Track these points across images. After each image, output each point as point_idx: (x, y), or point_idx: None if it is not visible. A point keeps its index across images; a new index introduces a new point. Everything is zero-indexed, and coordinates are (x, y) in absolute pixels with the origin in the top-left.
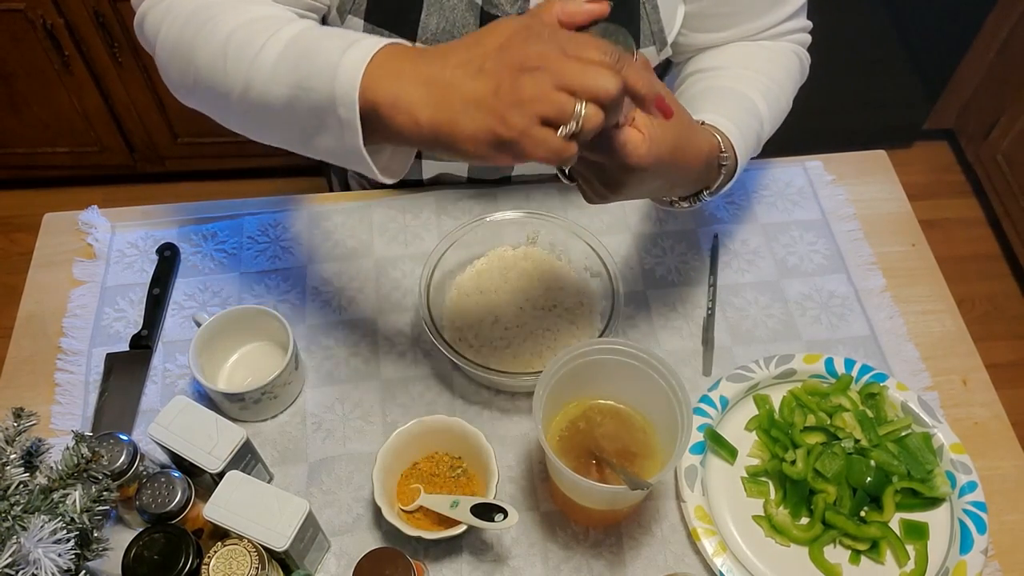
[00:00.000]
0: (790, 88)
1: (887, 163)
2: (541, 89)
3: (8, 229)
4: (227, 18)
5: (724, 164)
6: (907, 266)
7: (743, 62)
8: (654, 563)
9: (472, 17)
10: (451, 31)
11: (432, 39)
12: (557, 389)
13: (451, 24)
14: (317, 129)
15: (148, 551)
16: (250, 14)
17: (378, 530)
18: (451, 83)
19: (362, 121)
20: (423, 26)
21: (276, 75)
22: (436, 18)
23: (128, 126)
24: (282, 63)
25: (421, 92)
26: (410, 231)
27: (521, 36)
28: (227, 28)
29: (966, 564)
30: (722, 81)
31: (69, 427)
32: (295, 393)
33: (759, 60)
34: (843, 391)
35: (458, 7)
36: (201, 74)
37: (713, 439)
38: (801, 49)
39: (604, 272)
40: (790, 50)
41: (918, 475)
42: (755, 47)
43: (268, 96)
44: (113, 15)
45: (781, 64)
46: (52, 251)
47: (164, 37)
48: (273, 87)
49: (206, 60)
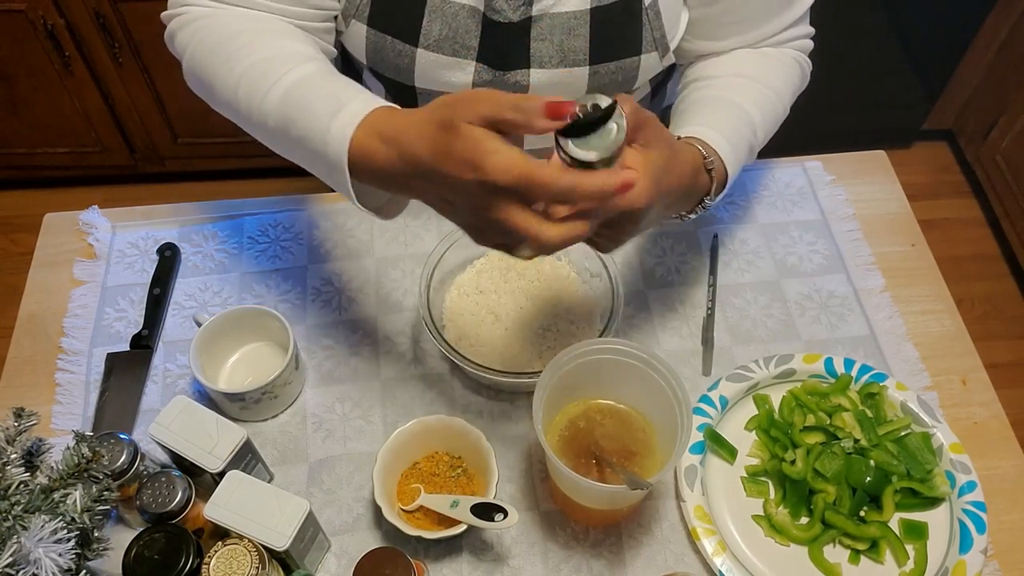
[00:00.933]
0: (788, 95)
1: (887, 163)
2: (509, 240)
3: (9, 229)
4: (242, 56)
5: (711, 169)
6: (906, 266)
7: (741, 70)
8: (654, 563)
9: (474, 24)
10: (454, 37)
11: (434, 45)
12: (557, 389)
13: (453, 31)
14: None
15: (148, 551)
16: (263, 52)
17: (378, 530)
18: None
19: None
20: (425, 33)
21: (278, 124)
22: (438, 24)
23: (128, 126)
24: (281, 113)
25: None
26: (410, 231)
27: (483, 201)
28: (239, 69)
29: (965, 564)
30: (715, 91)
31: (70, 427)
32: (295, 393)
33: (758, 67)
34: (843, 391)
35: (460, 13)
36: (220, 104)
37: (713, 439)
38: (802, 56)
39: (604, 272)
40: (791, 57)
41: (917, 475)
42: (755, 55)
43: (275, 139)
44: (114, 15)
45: (780, 71)
46: (53, 251)
47: (189, 60)
48: (278, 134)
49: (222, 95)
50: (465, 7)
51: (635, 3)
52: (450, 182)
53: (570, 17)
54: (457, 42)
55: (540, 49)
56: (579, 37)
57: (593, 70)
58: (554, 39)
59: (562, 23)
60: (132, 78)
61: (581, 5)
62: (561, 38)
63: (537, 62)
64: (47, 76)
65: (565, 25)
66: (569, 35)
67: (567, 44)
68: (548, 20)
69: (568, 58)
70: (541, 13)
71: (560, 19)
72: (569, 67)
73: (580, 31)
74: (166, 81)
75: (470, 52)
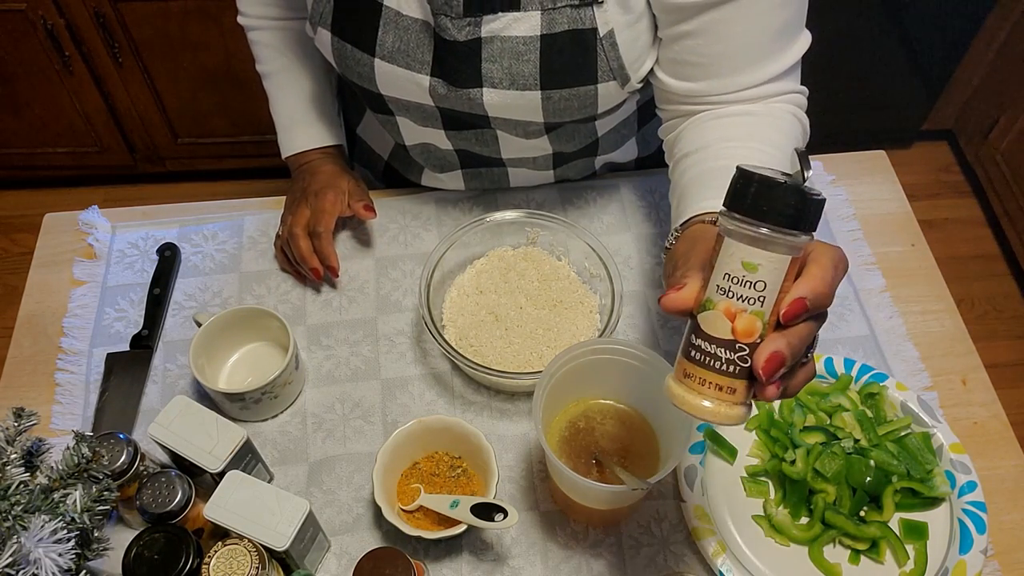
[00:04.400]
0: (790, 149)
1: (887, 163)
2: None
3: (8, 229)
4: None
5: None
6: (906, 266)
7: (728, 134)
8: (654, 563)
9: (427, 39)
10: (406, 50)
11: (389, 56)
12: (557, 389)
13: (406, 44)
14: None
15: (148, 551)
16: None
17: (378, 530)
18: None
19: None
20: (380, 43)
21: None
22: (392, 36)
23: (128, 126)
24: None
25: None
26: (410, 231)
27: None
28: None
29: (965, 564)
30: (709, 163)
31: (69, 427)
32: (295, 393)
33: (747, 128)
34: (843, 391)
35: (412, 27)
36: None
37: (713, 439)
38: (799, 111)
39: (604, 272)
40: (787, 111)
41: (918, 475)
42: (741, 117)
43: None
44: (114, 15)
45: (774, 126)
46: (53, 251)
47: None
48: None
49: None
50: (418, 21)
51: (588, 33)
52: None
53: (519, 42)
54: (410, 55)
55: (491, 70)
56: (528, 63)
57: (545, 95)
58: (503, 62)
59: (511, 47)
60: (132, 78)
61: (531, 31)
62: (510, 62)
63: (489, 82)
64: (47, 76)
65: (514, 50)
66: (518, 60)
67: (515, 68)
68: (498, 43)
69: (518, 82)
70: (491, 35)
71: (509, 43)
72: (520, 90)
73: (529, 56)
74: (166, 81)
75: (424, 66)
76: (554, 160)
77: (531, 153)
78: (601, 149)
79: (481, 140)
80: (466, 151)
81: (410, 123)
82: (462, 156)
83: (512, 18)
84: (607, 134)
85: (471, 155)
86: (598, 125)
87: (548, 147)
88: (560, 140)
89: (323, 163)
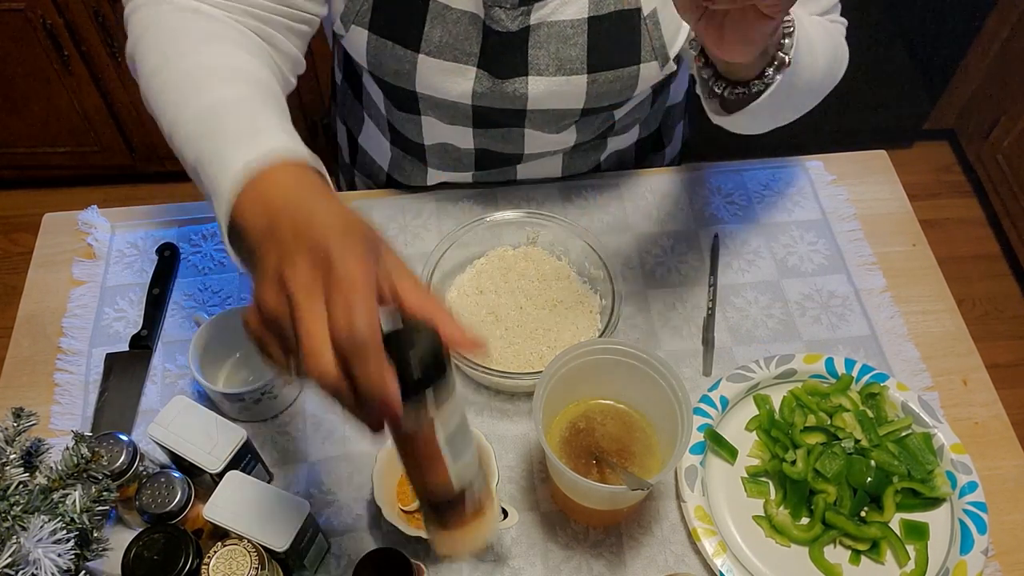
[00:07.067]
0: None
1: (887, 163)
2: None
3: (8, 229)
4: (176, 65)
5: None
6: (907, 266)
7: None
8: (654, 563)
9: (475, 31)
10: (455, 44)
11: (436, 51)
12: (557, 389)
13: (454, 37)
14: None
15: (148, 551)
16: (195, 59)
17: (378, 530)
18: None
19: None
20: (427, 38)
21: (187, 144)
22: (439, 31)
23: (128, 126)
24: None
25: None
26: (410, 231)
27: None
28: (174, 76)
29: (966, 564)
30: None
31: (69, 427)
32: (295, 393)
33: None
34: (843, 391)
35: (461, 20)
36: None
37: (713, 439)
38: (839, 35)
39: (604, 272)
40: (825, 21)
41: (918, 475)
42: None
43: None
44: (113, 15)
45: (815, 23)
46: (52, 251)
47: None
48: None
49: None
50: (467, 14)
51: (633, 13)
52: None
53: (567, 26)
54: (458, 48)
55: (537, 57)
56: (575, 46)
57: (591, 79)
58: (550, 47)
59: (558, 32)
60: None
61: (578, 14)
62: (557, 46)
63: (535, 70)
64: (46, 76)
65: (561, 34)
66: (565, 43)
67: (563, 52)
68: (545, 29)
69: (565, 67)
70: (539, 22)
71: (556, 28)
72: (567, 75)
73: (576, 40)
74: None
75: (471, 58)
76: (567, 150)
77: (553, 148)
78: (615, 132)
79: (507, 138)
80: (486, 150)
81: (435, 121)
82: (480, 155)
83: (560, 2)
84: (623, 117)
85: (490, 154)
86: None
87: (572, 139)
88: (585, 129)
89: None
